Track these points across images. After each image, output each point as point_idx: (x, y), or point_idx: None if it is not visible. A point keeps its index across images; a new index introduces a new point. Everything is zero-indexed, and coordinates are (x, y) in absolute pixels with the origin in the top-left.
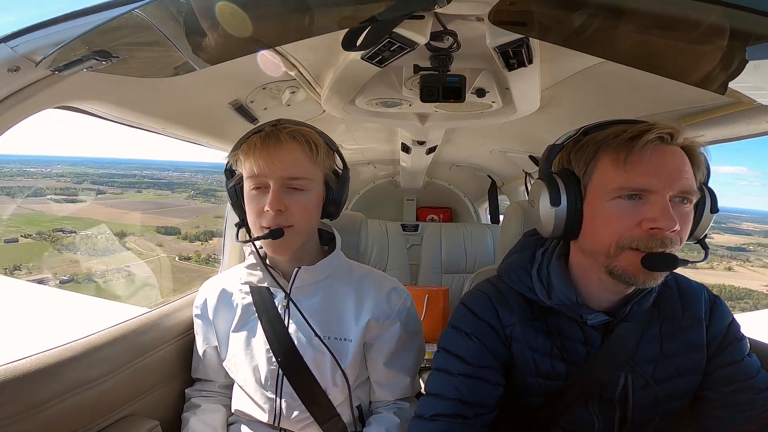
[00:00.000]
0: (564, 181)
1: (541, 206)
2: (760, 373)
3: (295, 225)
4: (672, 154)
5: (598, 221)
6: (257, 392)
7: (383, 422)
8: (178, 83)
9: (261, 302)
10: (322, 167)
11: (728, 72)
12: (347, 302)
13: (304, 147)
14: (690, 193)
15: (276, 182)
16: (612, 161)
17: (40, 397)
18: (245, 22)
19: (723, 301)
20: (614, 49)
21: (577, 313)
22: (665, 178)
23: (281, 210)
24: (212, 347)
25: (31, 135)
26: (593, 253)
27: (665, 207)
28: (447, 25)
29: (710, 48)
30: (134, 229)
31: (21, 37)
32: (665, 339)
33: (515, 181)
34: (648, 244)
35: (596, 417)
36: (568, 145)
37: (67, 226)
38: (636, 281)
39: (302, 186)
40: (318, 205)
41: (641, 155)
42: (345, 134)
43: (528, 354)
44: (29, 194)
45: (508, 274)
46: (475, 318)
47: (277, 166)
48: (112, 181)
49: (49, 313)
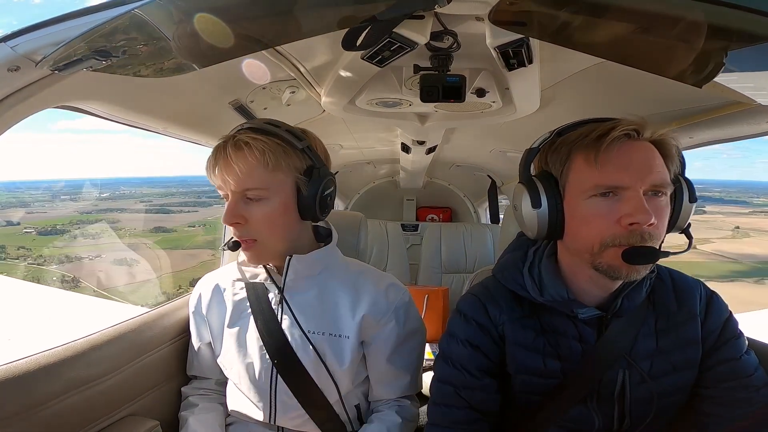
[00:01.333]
0: (543, 183)
1: (524, 209)
2: (757, 371)
3: (259, 239)
4: (641, 149)
5: (578, 220)
6: (251, 390)
7: (384, 421)
8: (178, 83)
9: (255, 298)
10: (285, 171)
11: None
12: (342, 298)
13: (256, 156)
14: (663, 186)
15: (233, 195)
16: (584, 160)
17: (40, 397)
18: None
19: (720, 296)
20: (614, 49)
21: (568, 309)
22: (636, 173)
23: (239, 222)
24: (206, 344)
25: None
26: (578, 251)
27: (639, 202)
28: (447, 25)
29: (710, 48)
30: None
31: (21, 36)
32: (660, 334)
33: (515, 180)
34: (629, 240)
35: (596, 414)
36: (545, 148)
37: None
38: (620, 275)
39: (259, 196)
40: (285, 212)
41: (609, 152)
42: (345, 134)
43: (517, 351)
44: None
45: (502, 273)
46: (466, 322)
47: (229, 180)
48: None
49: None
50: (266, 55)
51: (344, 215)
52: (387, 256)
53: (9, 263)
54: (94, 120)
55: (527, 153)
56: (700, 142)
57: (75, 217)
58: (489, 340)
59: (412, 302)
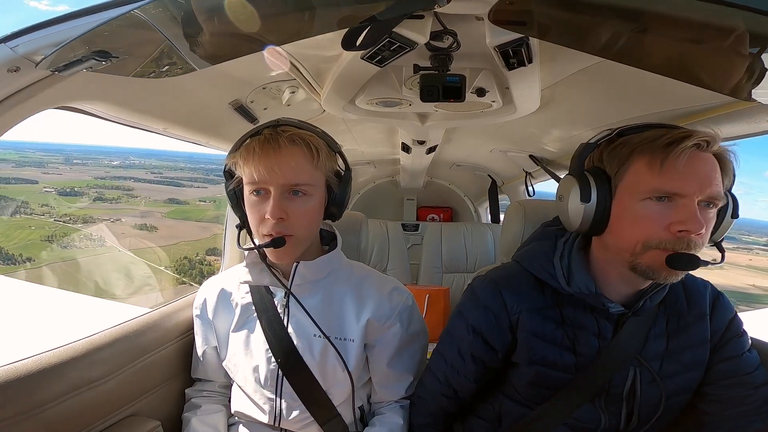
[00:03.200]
0: (595, 178)
1: (570, 201)
2: (758, 369)
3: (296, 234)
4: (706, 161)
5: (626, 220)
6: (257, 392)
7: (386, 423)
8: (179, 83)
9: (260, 302)
10: (323, 170)
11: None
12: (347, 302)
13: (305, 151)
14: (717, 198)
15: (277, 189)
16: (647, 163)
17: (42, 398)
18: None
19: (726, 296)
20: (614, 48)
21: (598, 302)
22: (697, 184)
23: (282, 218)
24: (212, 347)
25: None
26: (617, 249)
27: (694, 211)
28: (447, 25)
29: (710, 47)
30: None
31: (21, 37)
32: (671, 335)
33: (516, 180)
34: (675, 246)
35: (603, 413)
36: (602, 145)
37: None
38: (659, 277)
39: (304, 191)
40: (320, 209)
41: (677, 160)
42: (345, 134)
43: (532, 341)
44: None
45: (529, 260)
46: (477, 305)
47: (277, 173)
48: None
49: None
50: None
51: (345, 215)
52: (388, 256)
53: (35, 218)
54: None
55: (583, 147)
56: None
57: (91, 181)
58: (497, 328)
59: (415, 305)
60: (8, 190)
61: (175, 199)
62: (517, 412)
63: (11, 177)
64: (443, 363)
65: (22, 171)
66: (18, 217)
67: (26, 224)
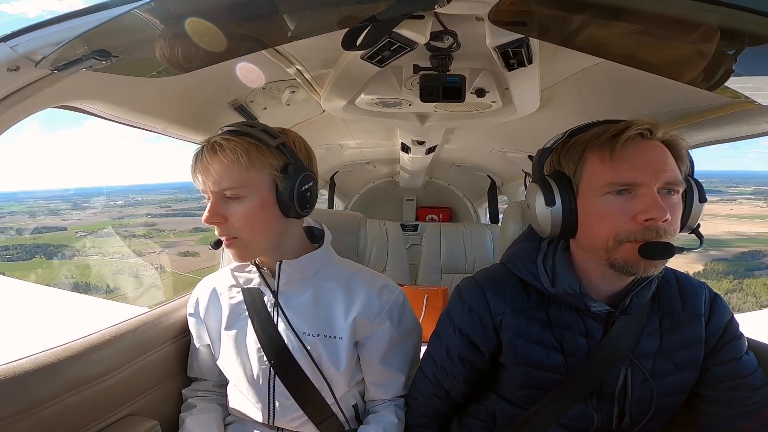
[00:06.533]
0: (556, 182)
1: (537, 207)
2: (756, 371)
3: (240, 236)
4: (654, 149)
5: (592, 218)
6: (250, 392)
7: (381, 421)
8: (178, 83)
9: (251, 301)
10: (260, 169)
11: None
12: (337, 299)
13: (229, 156)
14: (676, 183)
15: (213, 195)
16: (599, 159)
17: (39, 397)
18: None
19: (722, 298)
20: (614, 49)
21: (581, 302)
22: (650, 171)
23: (219, 222)
24: (205, 345)
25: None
26: (592, 248)
27: (654, 198)
28: (447, 25)
29: (710, 48)
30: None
31: (21, 36)
32: (665, 334)
33: (515, 180)
34: (644, 236)
35: (595, 412)
36: (557, 148)
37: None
38: (637, 271)
39: (236, 195)
40: (263, 209)
41: (624, 151)
42: (345, 134)
43: (517, 343)
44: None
45: (513, 262)
46: (462, 305)
47: (207, 181)
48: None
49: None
50: (266, 55)
51: (344, 215)
52: (387, 256)
53: (92, 258)
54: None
55: (540, 153)
56: (700, 143)
57: (110, 222)
58: (481, 330)
59: (407, 303)
60: (45, 238)
61: (198, 227)
62: (511, 413)
63: (37, 226)
64: (433, 364)
65: (44, 219)
66: (79, 258)
67: (99, 262)
